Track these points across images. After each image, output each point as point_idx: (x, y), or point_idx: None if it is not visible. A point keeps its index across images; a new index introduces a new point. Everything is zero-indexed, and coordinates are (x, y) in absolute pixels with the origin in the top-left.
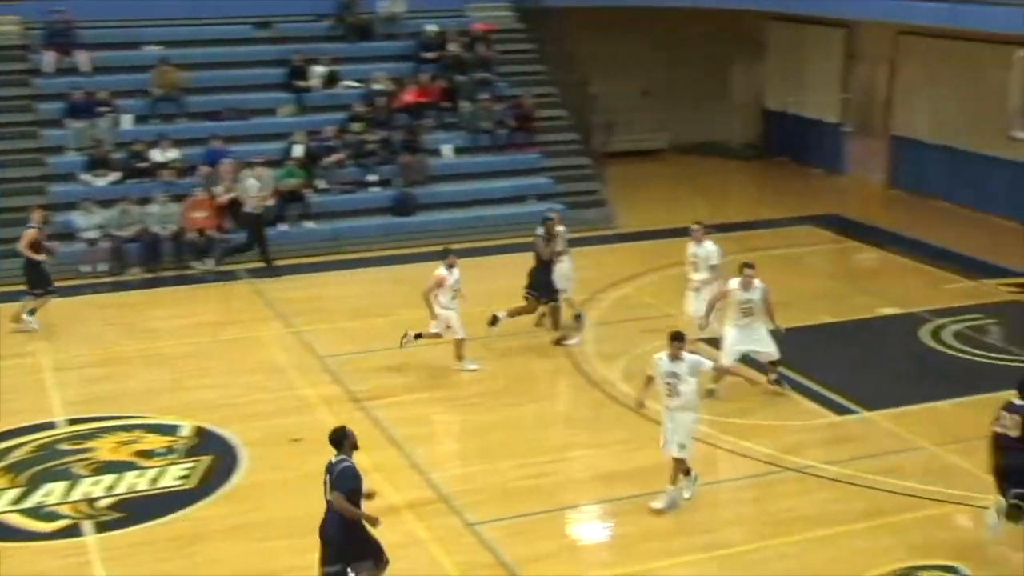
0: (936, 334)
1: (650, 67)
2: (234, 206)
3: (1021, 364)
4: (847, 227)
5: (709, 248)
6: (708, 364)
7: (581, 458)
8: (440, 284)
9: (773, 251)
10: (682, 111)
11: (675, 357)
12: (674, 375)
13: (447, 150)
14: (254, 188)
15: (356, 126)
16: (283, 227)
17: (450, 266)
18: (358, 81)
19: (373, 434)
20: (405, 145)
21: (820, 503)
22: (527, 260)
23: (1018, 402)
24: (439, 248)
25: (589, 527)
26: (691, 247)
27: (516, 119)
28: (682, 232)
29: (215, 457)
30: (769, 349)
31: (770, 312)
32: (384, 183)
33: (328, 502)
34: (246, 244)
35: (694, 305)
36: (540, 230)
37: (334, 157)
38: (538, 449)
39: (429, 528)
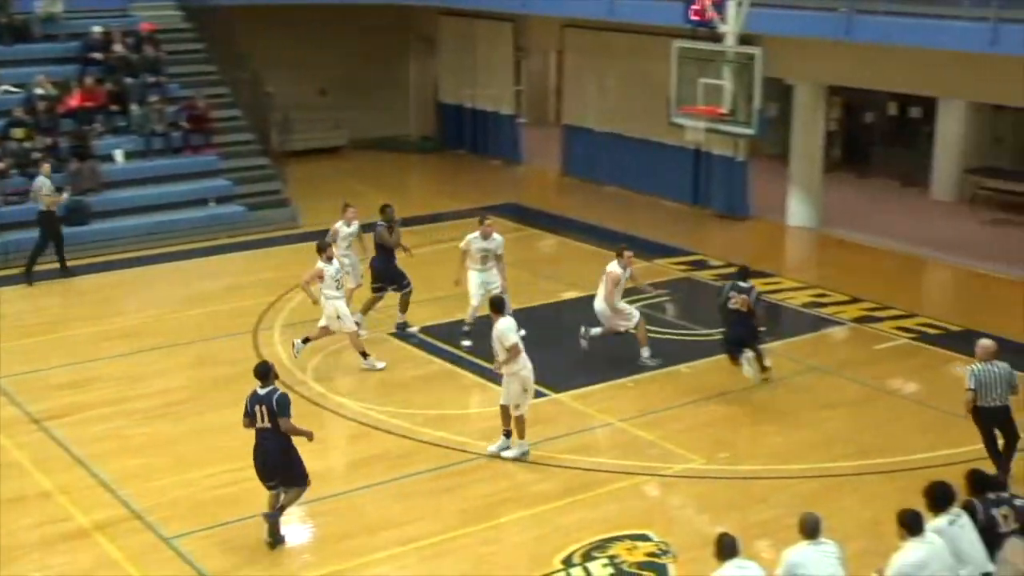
0: None
1: (325, 65)
2: None
3: (696, 338)
4: (526, 215)
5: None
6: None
7: None
8: (320, 276)
9: (457, 242)
10: (359, 107)
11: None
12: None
13: (119, 155)
14: (46, 187)
15: (17, 132)
16: None
17: (329, 259)
18: (16, 86)
19: (56, 455)
20: (74, 152)
21: (518, 485)
22: (213, 263)
23: (744, 284)
24: (118, 257)
25: (288, 530)
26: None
27: (190, 121)
28: (367, 228)
29: None
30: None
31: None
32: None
33: (261, 430)
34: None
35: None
36: (381, 220)
37: None
38: (231, 456)
39: (122, 547)
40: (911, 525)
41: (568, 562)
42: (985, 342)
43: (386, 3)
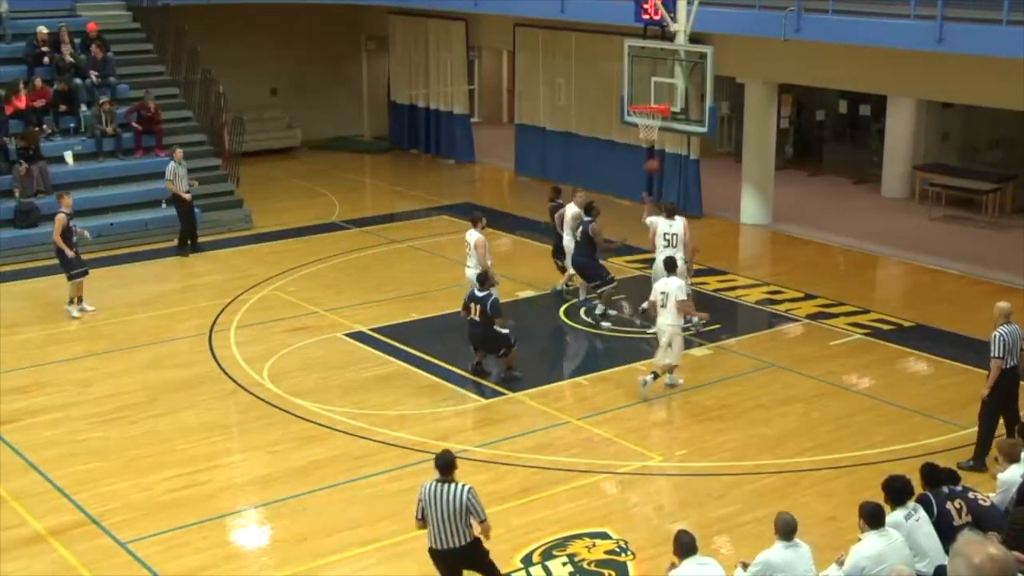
0: (573, 313)
1: (277, 65)
2: None
3: (651, 335)
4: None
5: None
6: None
7: (234, 464)
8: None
9: (412, 242)
10: (312, 108)
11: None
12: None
13: (69, 157)
14: None
15: None
16: None
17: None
18: None
19: (8, 459)
20: (21, 154)
21: (475, 485)
22: (165, 265)
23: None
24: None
25: (247, 533)
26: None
27: (140, 122)
28: (323, 228)
29: None
30: None
31: None
32: (3, 194)
33: (472, 320)
34: None
35: None
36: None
37: None
38: (188, 459)
39: (78, 553)
40: (872, 518)
41: (527, 561)
42: (1002, 305)
43: (337, 2)
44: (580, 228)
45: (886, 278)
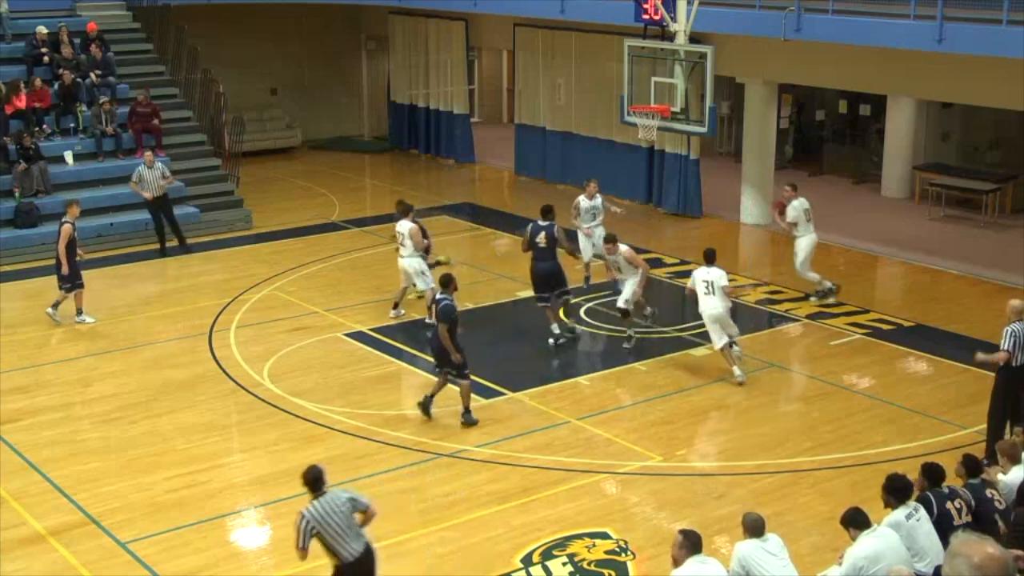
0: (571, 313)
1: (277, 65)
2: None
3: (653, 335)
4: (480, 214)
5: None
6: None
7: (234, 464)
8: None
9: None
10: (312, 108)
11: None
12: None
13: (69, 157)
14: None
15: None
16: None
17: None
18: None
19: (10, 460)
20: (21, 153)
21: (475, 485)
22: (165, 265)
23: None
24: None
25: (247, 532)
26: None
27: (139, 121)
28: (323, 228)
29: None
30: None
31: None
32: (3, 194)
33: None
34: None
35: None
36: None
37: None
38: (188, 459)
39: (78, 553)
40: (855, 522)
41: (527, 561)
42: (1015, 302)
43: (337, 2)
44: (544, 233)
45: (886, 278)
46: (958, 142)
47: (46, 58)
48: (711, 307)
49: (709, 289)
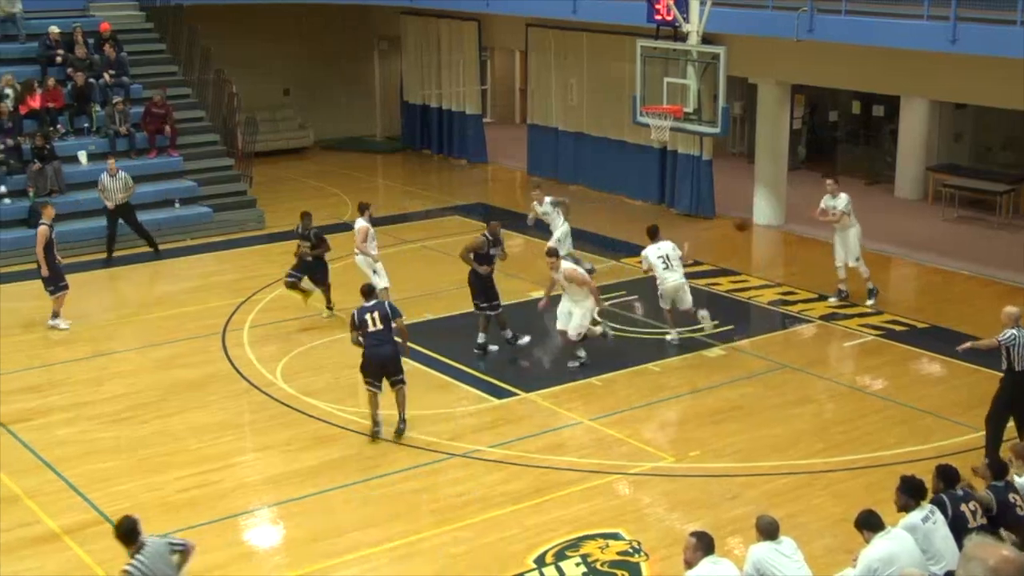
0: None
1: (290, 65)
2: None
3: (662, 336)
4: (492, 215)
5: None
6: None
7: (246, 463)
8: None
9: (425, 242)
10: (325, 108)
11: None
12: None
13: (83, 156)
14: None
15: None
16: None
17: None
18: None
19: (24, 458)
20: (36, 153)
21: (489, 485)
22: (178, 265)
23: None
24: (83, 259)
25: (260, 532)
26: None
27: (153, 122)
28: (335, 228)
29: None
30: None
31: None
32: (17, 194)
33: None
34: None
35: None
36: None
37: None
38: (200, 458)
39: (92, 551)
40: (869, 524)
41: (540, 561)
42: (1010, 309)
43: (349, 3)
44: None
45: (899, 279)
46: (971, 143)
47: (59, 58)
48: (674, 278)
49: (667, 263)
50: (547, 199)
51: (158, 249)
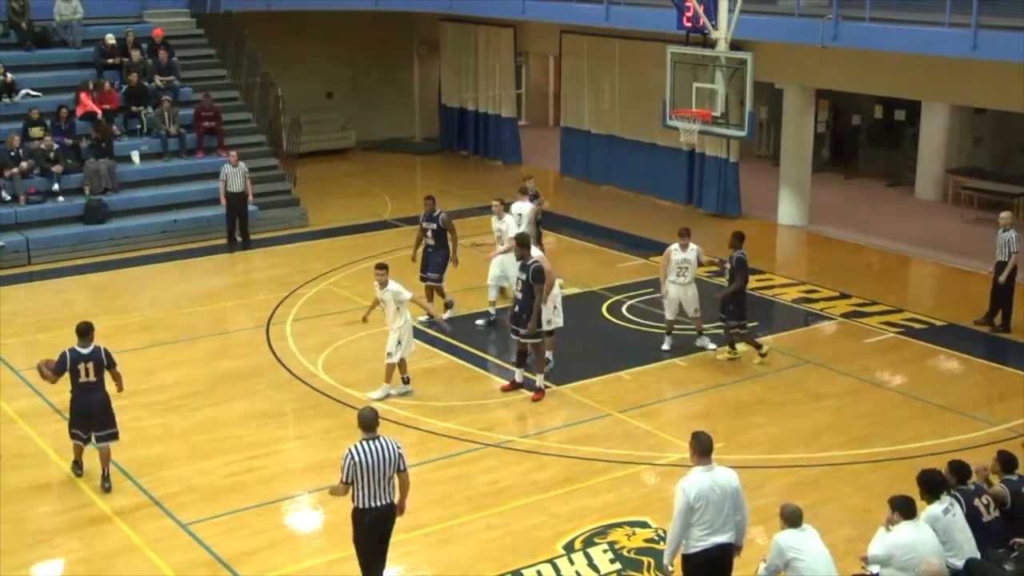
0: (614, 309)
1: (333, 69)
2: None
3: (688, 332)
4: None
5: (508, 222)
6: (408, 294)
7: (289, 451)
8: None
9: (461, 240)
10: (366, 110)
11: (383, 285)
12: (384, 300)
13: (136, 156)
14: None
15: (35, 131)
16: None
17: None
18: (37, 89)
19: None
20: (91, 152)
21: (520, 474)
22: (225, 261)
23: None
24: (135, 254)
25: (301, 517)
26: (494, 222)
27: (203, 123)
28: (375, 226)
29: None
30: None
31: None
32: (73, 191)
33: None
34: None
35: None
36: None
37: (18, 167)
38: (246, 445)
39: (142, 532)
40: (906, 509)
41: (570, 547)
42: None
43: (390, 9)
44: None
45: (919, 278)
46: (991, 146)
47: (112, 60)
48: (675, 290)
49: (682, 271)
50: (509, 216)
51: (248, 241)
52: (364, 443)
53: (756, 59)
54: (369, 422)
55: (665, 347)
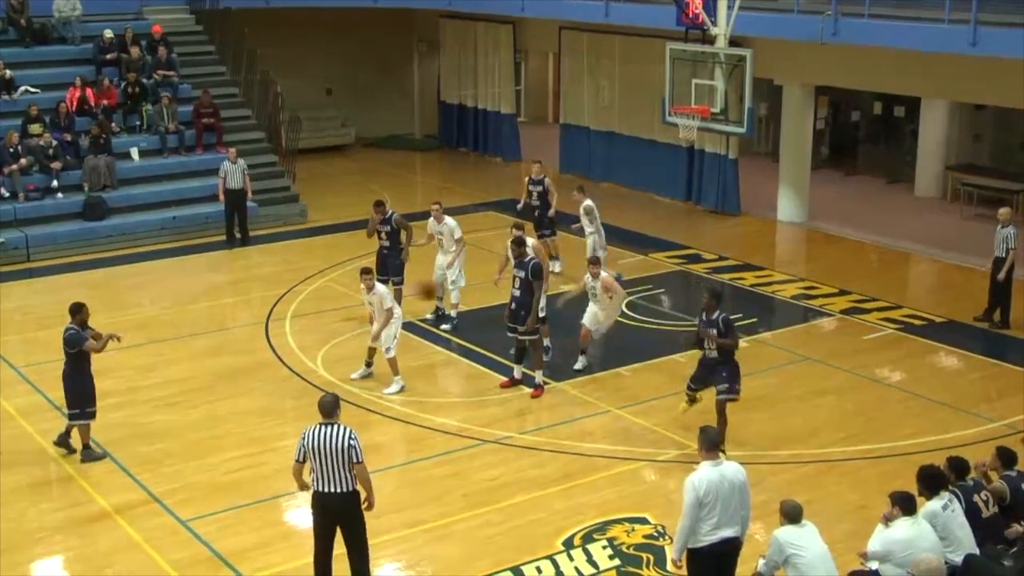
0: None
1: (332, 66)
2: None
3: (689, 328)
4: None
5: (450, 224)
6: (392, 303)
7: (289, 447)
8: None
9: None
10: (366, 107)
11: (369, 290)
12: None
13: (135, 153)
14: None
15: (34, 128)
16: None
17: None
18: (36, 86)
19: (78, 441)
20: (90, 149)
21: (518, 470)
22: (224, 257)
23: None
24: (134, 251)
25: (300, 514)
26: (432, 225)
27: (202, 119)
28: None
29: None
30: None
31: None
32: (72, 188)
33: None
34: None
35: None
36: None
37: (18, 164)
38: (243, 443)
39: (142, 530)
40: (906, 504)
41: (569, 544)
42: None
43: (389, 6)
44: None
45: (918, 275)
46: (990, 143)
47: (111, 56)
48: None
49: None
50: (449, 219)
51: (247, 238)
52: (319, 427)
53: (755, 55)
54: (326, 408)
55: (578, 366)
